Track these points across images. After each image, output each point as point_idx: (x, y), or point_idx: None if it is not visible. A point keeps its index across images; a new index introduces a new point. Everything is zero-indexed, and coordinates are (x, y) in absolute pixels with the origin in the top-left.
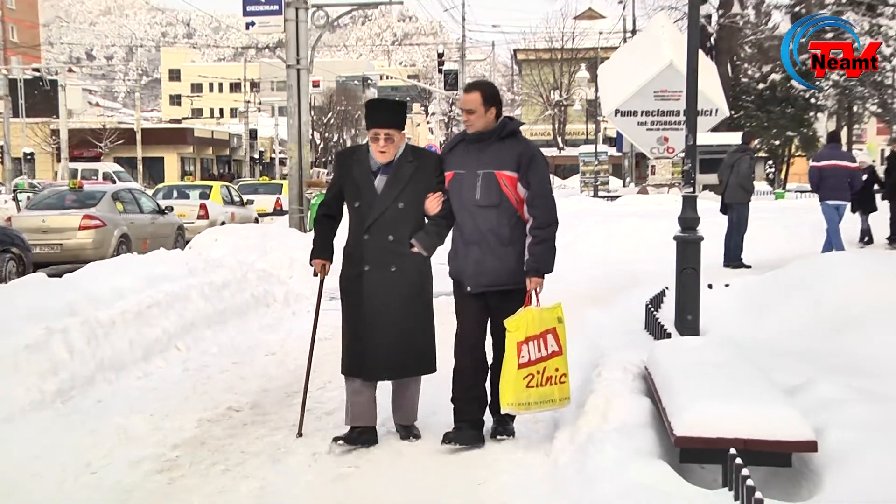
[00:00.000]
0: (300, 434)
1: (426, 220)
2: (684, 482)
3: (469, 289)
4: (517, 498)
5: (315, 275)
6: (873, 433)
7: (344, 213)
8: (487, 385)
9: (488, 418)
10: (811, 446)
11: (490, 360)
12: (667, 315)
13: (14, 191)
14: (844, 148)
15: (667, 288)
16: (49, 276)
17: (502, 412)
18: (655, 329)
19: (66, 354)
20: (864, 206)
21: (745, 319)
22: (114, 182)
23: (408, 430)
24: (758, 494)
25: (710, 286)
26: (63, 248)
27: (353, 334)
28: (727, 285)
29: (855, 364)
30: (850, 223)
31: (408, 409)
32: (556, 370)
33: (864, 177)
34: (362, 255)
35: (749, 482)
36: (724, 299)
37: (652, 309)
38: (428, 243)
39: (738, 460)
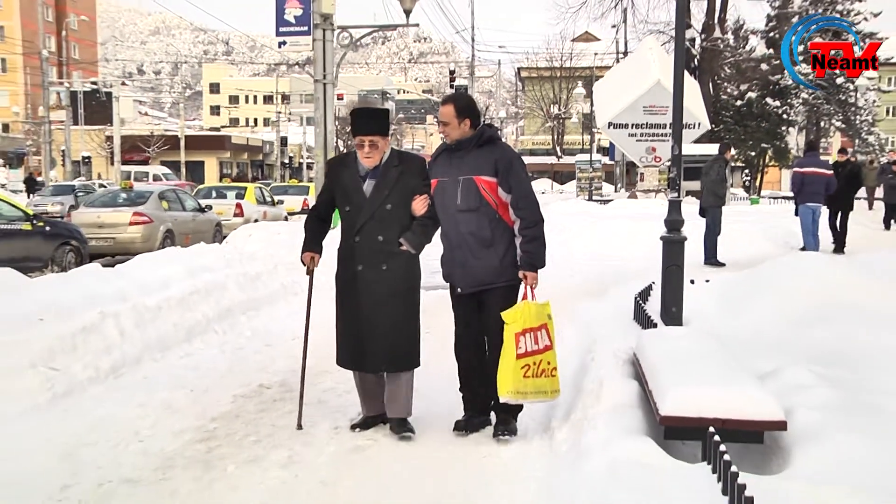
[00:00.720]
0: (300, 427)
1: (413, 221)
2: (668, 456)
3: (459, 290)
4: (519, 469)
5: (308, 272)
6: (836, 415)
7: (335, 218)
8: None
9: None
10: (781, 425)
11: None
12: (653, 307)
13: (73, 190)
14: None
15: (653, 283)
16: (103, 266)
17: (501, 401)
18: (643, 320)
19: (117, 336)
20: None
21: (723, 312)
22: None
23: (401, 426)
24: (733, 468)
25: (692, 282)
26: (115, 242)
27: (352, 331)
28: (707, 281)
29: (820, 354)
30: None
31: (402, 402)
32: (549, 364)
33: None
34: (354, 255)
35: (726, 457)
36: (705, 294)
37: (640, 301)
38: (416, 242)
39: (717, 437)
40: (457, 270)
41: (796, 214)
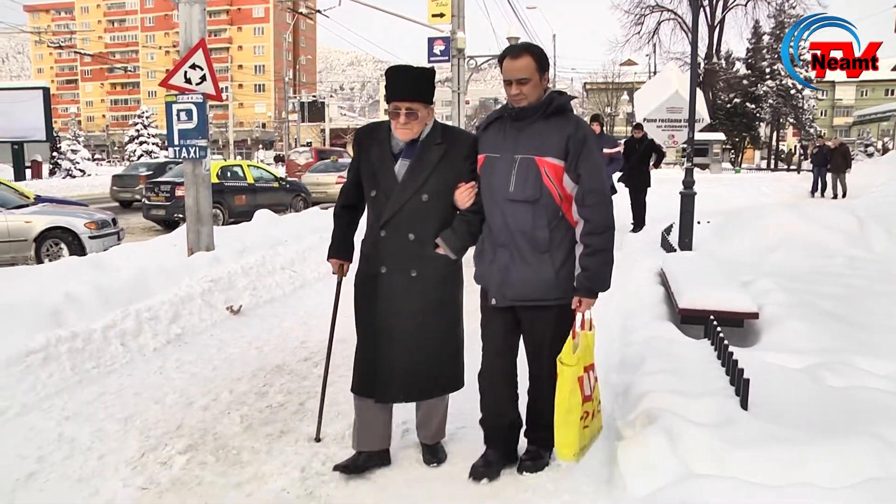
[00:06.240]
0: (318, 439)
1: (455, 216)
2: (683, 335)
3: (494, 301)
4: None
5: (337, 280)
6: (787, 309)
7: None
8: (522, 409)
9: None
10: (754, 316)
11: (527, 383)
12: (673, 238)
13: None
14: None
15: (674, 223)
16: (321, 209)
17: (561, 463)
18: (667, 246)
19: None
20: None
21: (718, 242)
22: None
23: (433, 453)
24: (725, 342)
25: (698, 222)
26: (327, 194)
27: (365, 346)
28: (709, 222)
29: (778, 270)
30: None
31: (434, 428)
32: (598, 400)
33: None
34: (377, 254)
35: (720, 335)
36: (707, 230)
37: (665, 235)
38: (456, 244)
39: (714, 323)
40: (495, 275)
41: None
